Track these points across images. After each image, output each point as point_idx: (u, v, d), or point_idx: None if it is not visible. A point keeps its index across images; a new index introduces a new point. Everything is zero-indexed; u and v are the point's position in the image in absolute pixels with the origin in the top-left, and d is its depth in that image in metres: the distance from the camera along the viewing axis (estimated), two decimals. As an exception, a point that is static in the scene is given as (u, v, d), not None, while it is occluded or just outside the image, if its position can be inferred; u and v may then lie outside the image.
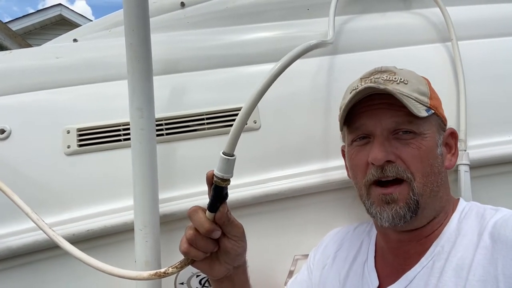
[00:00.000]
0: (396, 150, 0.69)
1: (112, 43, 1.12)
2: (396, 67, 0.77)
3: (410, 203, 0.68)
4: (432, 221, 0.71)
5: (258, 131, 1.00)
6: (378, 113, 0.71)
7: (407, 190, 0.69)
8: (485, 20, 1.11)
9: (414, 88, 0.71)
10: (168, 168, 0.96)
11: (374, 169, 0.70)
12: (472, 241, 0.65)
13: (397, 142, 0.70)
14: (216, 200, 0.64)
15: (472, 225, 0.68)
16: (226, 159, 0.61)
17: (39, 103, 1.02)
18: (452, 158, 0.77)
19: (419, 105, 0.70)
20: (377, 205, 0.71)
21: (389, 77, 0.72)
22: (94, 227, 0.90)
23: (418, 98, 0.71)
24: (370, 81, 0.74)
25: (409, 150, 0.69)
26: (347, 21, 1.14)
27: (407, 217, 0.68)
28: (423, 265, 0.68)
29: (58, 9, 8.13)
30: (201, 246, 0.66)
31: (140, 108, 0.82)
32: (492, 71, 1.03)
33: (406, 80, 0.72)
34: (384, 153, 0.69)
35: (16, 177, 0.94)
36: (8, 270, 0.90)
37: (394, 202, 0.69)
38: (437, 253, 0.68)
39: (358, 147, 0.75)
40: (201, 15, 1.18)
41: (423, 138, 0.70)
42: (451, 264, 0.65)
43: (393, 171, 0.69)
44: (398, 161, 0.69)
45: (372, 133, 0.72)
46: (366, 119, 0.73)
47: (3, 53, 1.12)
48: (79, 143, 0.97)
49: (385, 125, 0.70)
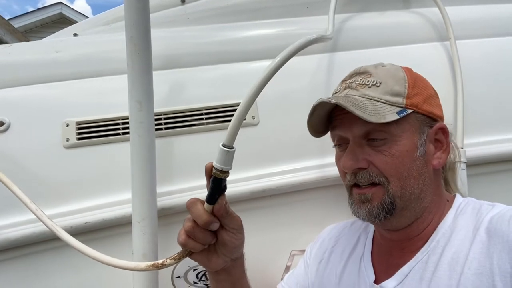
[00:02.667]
0: (368, 157, 0.69)
1: (112, 38, 1.13)
2: (380, 64, 0.76)
3: (384, 204, 0.68)
4: (415, 221, 0.71)
5: (256, 127, 1.01)
6: (349, 119, 0.71)
7: (382, 192, 0.69)
8: (483, 20, 1.12)
9: (387, 90, 0.70)
10: (166, 162, 0.97)
11: (349, 175, 0.72)
12: (468, 236, 0.65)
13: (370, 148, 0.70)
14: (214, 192, 0.64)
15: (468, 220, 0.68)
16: (225, 151, 0.61)
17: (38, 96, 1.02)
18: (442, 155, 0.73)
19: (389, 108, 0.69)
20: (356, 203, 0.72)
21: (363, 81, 0.72)
22: (92, 219, 0.90)
23: (389, 100, 0.69)
24: (346, 85, 0.75)
25: (381, 158, 0.68)
26: (347, 19, 1.15)
27: (380, 216, 0.69)
28: (418, 260, 0.69)
29: (59, 8, 8.13)
30: (199, 238, 0.66)
31: (140, 101, 0.83)
32: (490, 70, 1.05)
33: (379, 82, 0.71)
34: (353, 162, 0.70)
35: (15, 170, 0.94)
36: (7, 261, 0.90)
37: (368, 202, 0.70)
38: (432, 248, 0.68)
39: (339, 152, 0.76)
40: (201, 12, 1.19)
41: (396, 142, 0.68)
42: (446, 258, 0.65)
43: (365, 177, 0.70)
44: (371, 166, 0.69)
45: (347, 139, 0.73)
46: (339, 125, 0.74)
47: (3, 47, 1.12)
48: (78, 136, 0.97)
49: (356, 132, 0.71)
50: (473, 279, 0.60)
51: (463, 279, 0.61)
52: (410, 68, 0.77)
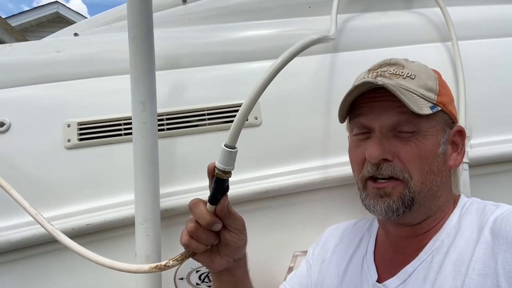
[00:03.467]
0: (394, 148, 0.68)
1: (113, 38, 1.12)
2: (408, 59, 0.75)
3: (405, 198, 0.68)
4: (428, 219, 0.71)
5: (259, 127, 1.00)
6: (379, 108, 0.70)
7: (402, 187, 0.68)
8: (486, 20, 1.12)
9: (421, 84, 0.70)
10: (169, 163, 0.96)
11: (370, 166, 0.70)
12: (472, 236, 0.65)
13: (396, 140, 0.69)
14: (217, 192, 0.64)
15: (472, 220, 0.68)
16: (228, 151, 0.61)
17: (39, 96, 1.01)
18: (457, 157, 0.74)
19: (424, 101, 0.69)
20: (371, 197, 0.71)
21: (396, 71, 0.71)
22: (94, 221, 0.89)
23: (424, 94, 0.69)
24: (377, 74, 0.72)
25: (408, 149, 0.68)
26: (349, 19, 1.15)
27: (400, 211, 0.68)
28: (422, 259, 0.68)
29: (55, 7, 8.09)
30: (202, 238, 0.66)
31: (143, 101, 0.82)
32: (492, 71, 1.04)
33: (413, 74, 0.70)
34: (380, 152, 0.68)
35: (16, 171, 0.93)
36: (8, 263, 0.89)
37: (387, 196, 0.68)
38: (437, 248, 0.68)
39: (358, 141, 0.74)
40: (202, 12, 1.18)
41: (424, 136, 0.68)
42: (451, 258, 0.65)
43: (388, 170, 0.68)
44: (396, 160, 0.68)
45: (371, 128, 0.71)
46: (366, 113, 0.72)
47: (3, 46, 1.11)
48: (79, 137, 0.96)
49: (385, 122, 0.69)
50: (477, 279, 0.60)
51: (468, 280, 0.61)
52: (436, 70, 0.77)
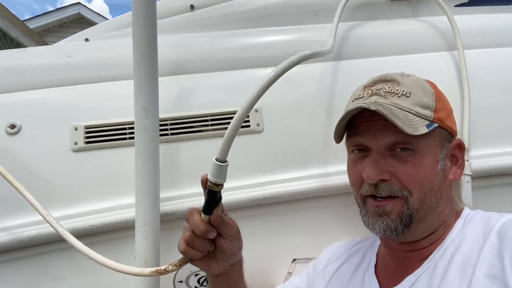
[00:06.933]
0: (391, 168, 0.68)
1: (121, 44, 1.15)
2: (404, 73, 0.74)
3: (403, 216, 0.67)
4: (430, 235, 0.71)
5: (260, 134, 1.01)
6: (376, 127, 0.69)
7: (402, 204, 0.67)
8: (492, 29, 1.10)
9: (417, 101, 0.68)
10: (171, 167, 0.98)
11: (368, 186, 0.70)
12: (478, 242, 0.64)
13: (393, 159, 0.68)
14: (210, 203, 0.67)
15: (476, 228, 0.67)
16: (218, 165, 0.63)
17: (49, 100, 1.05)
18: (457, 170, 0.73)
19: (419, 120, 0.67)
20: (370, 215, 0.70)
21: (392, 89, 0.70)
22: (97, 222, 0.92)
23: (420, 112, 0.68)
24: (372, 92, 0.72)
25: (406, 169, 0.67)
26: (353, 27, 1.15)
27: (398, 230, 0.67)
28: (425, 268, 0.68)
29: (77, 8, 8.29)
30: (198, 246, 0.69)
31: (145, 107, 0.84)
32: (498, 81, 1.03)
33: (409, 92, 0.69)
34: (378, 172, 0.68)
35: (25, 171, 0.96)
36: (17, 260, 0.92)
37: (386, 215, 0.68)
38: (440, 255, 0.67)
39: (356, 159, 0.74)
40: (209, 18, 1.20)
41: (422, 155, 0.67)
42: (456, 263, 0.64)
43: (386, 190, 0.68)
44: (393, 179, 0.68)
45: (369, 147, 0.71)
46: (363, 132, 0.71)
47: (18, 51, 1.15)
48: (86, 140, 0.99)
49: (381, 142, 0.69)
50: (484, 281, 0.59)
51: (475, 281, 0.60)
52: (432, 81, 0.76)
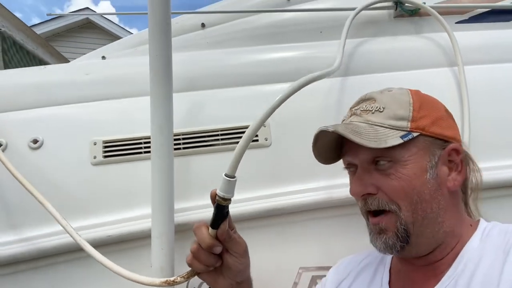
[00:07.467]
0: (376, 182, 0.69)
1: (137, 61, 1.21)
2: (384, 90, 0.76)
3: (398, 232, 0.68)
4: (438, 247, 0.70)
5: (268, 148, 1.06)
6: (356, 146, 0.69)
7: (394, 220, 0.68)
8: (492, 45, 1.14)
9: (390, 115, 0.70)
10: (184, 180, 1.04)
11: (360, 201, 0.72)
12: (498, 258, 0.63)
13: (378, 173, 0.69)
14: (218, 217, 0.70)
15: (496, 242, 0.66)
16: (227, 180, 0.68)
17: (69, 116, 1.11)
18: (457, 176, 0.71)
19: (392, 132, 0.68)
20: (373, 233, 0.72)
21: (367, 107, 0.73)
22: (114, 233, 0.97)
23: (393, 125, 0.69)
24: (352, 112, 0.76)
25: (389, 182, 0.68)
26: (359, 44, 1.20)
27: (396, 246, 0.68)
28: (444, 285, 0.66)
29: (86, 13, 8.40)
30: (203, 260, 0.73)
31: (161, 126, 0.90)
32: (498, 97, 1.07)
33: (382, 107, 0.71)
34: (361, 187, 0.70)
35: (47, 183, 1.02)
36: (38, 269, 0.98)
37: (383, 233, 0.69)
38: (460, 272, 0.66)
39: (351, 175, 0.76)
40: (220, 36, 1.26)
41: (403, 166, 0.67)
42: (478, 280, 0.63)
43: (374, 203, 0.69)
44: (380, 193, 0.69)
45: (355, 164, 0.73)
46: (349, 150, 0.74)
47: (38, 68, 1.22)
48: (104, 154, 1.05)
49: (362, 157, 0.71)
50: None
51: None
52: (419, 91, 0.76)
